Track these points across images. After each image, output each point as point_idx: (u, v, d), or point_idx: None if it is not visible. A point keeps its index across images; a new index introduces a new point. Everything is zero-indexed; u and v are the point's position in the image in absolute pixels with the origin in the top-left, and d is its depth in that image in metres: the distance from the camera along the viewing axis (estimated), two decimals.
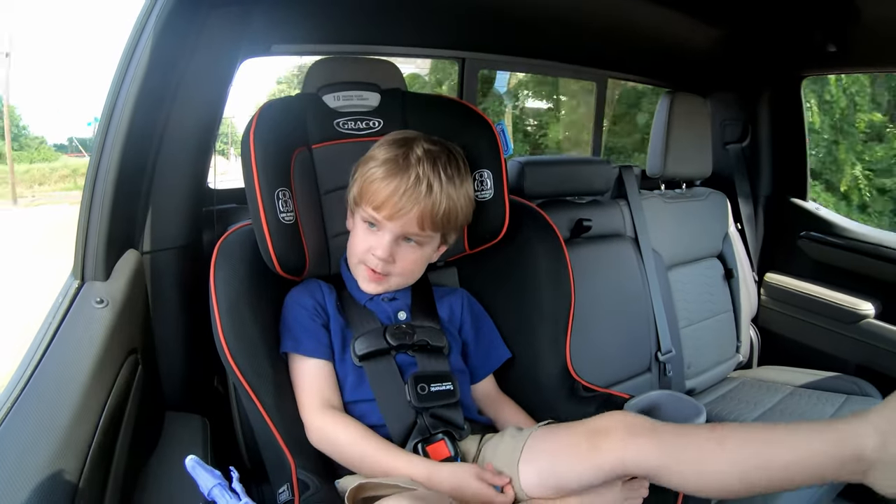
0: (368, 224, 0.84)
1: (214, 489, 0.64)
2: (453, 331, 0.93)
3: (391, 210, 0.81)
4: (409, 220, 0.81)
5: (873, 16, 1.34)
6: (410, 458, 0.77)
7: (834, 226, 1.78)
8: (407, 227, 0.82)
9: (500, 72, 5.98)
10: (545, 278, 0.97)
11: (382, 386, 0.82)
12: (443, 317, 0.93)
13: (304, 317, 0.84)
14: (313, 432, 0.79)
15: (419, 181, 0.81)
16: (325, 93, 0.91)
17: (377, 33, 1.33)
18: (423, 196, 0.81)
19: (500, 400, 0.95)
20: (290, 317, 0.85)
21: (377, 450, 0.77)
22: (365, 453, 0.77)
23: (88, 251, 0.77)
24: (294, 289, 0.88)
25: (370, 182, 0.82)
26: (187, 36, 0.86)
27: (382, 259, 0.83)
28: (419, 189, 0.81)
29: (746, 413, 1.49)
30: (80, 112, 24.06)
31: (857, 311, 1.64)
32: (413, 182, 0.81)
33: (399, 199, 0.80)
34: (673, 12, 1.42)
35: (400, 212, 0.81)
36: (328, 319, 0.85)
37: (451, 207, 0.84)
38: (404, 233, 0.83)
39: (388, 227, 0.82)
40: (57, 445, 0.56)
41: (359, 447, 0.77)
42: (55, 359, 0.65)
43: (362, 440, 0.78)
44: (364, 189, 0.83)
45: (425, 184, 0.81)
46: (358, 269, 0.87)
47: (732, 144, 1.93)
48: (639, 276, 1.53)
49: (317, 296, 0.87)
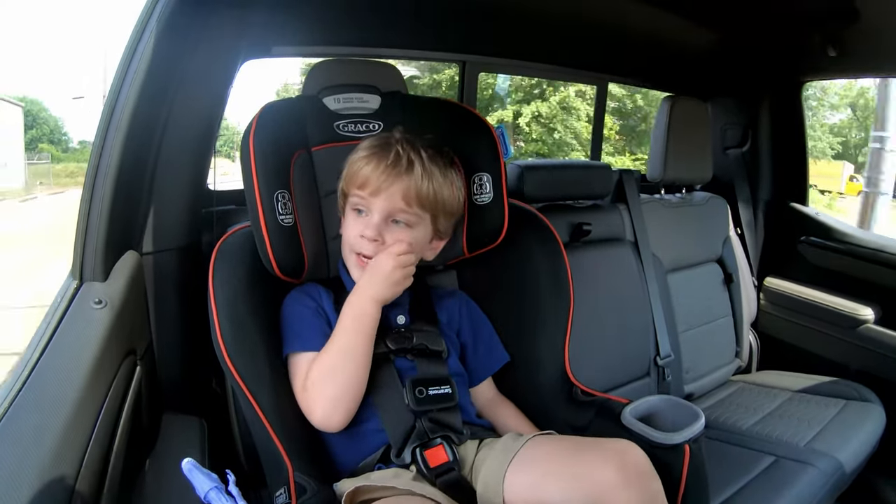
0: (357, 211, 0.85)
1: (211, 492, 0.64)
2: (451, 334, 0.93)
3: (374, 185, 0.82)
4: (392, 193, 0.82)
5: (873, 20, 1.34)
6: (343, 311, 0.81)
7: (834, 231, 1.78)
8: (393, 202, 0.83)
9: (500, 75, 5.99)
10: (544, 282, 0.97)
11: (381, 390, 0.82)
12: (441, 320, 0.92)
13: (306, 314, 0.84)
14: (308, 403, 0.79)
15: (399, 157, 0.83)
16: (326, 95, 0.91)
17: (378, 36, 1.34)
18: (405, 170, 0.82)
19: (500, 403, 0.95)
20: (292, 316, 0.85)
21: (334, 343, 0.79)
22: (332, 351, 0.79)
23: (87, 252, 0.77)
24: (292, 292, 0.88)
25: (353, 165, 0.85)
26: (188, 37, 0.86)
27: (371, 238, 0.83)
28: (400, 164, 0.83)
29: (745, 418, 1.49)
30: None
31: (857, 317, 1.64)
32: (394, 158, 0.83)
33: (381, 174, 0.82)
34: (674, 16, 1.42)
35: (383, 185, 0.82)
36: (329, 319, 0.85)
37: (437, 188, 0.85)
38: (391, 211, 0.83)
39: (375, 205, 0.83)
40: (54, 446, 0.56)
41: (327, 357, 0.79)
42: (53, 360, 0.65)
43: (323, 353, 0.79)
44: (348, 174, 0.85)
45: (405, 159, 0.83)
46: (350, 258, 0.87)
47: (733, 149, 1.93)
48: (638, 280, 1.53)
49: (315, 297, 0.87)
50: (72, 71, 34.03)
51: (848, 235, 1.75)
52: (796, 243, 1.83)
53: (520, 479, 0.75)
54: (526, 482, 0.74)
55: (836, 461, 1.24)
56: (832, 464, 1.23)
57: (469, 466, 0.81)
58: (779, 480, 1.18)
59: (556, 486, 0.72)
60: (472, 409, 0.91)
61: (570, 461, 0.73)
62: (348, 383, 0.78)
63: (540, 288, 0.96)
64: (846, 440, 1.33)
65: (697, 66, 1.79)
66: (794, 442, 1.33)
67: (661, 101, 1.65)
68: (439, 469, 0.78)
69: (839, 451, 1.27)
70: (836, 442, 1.31)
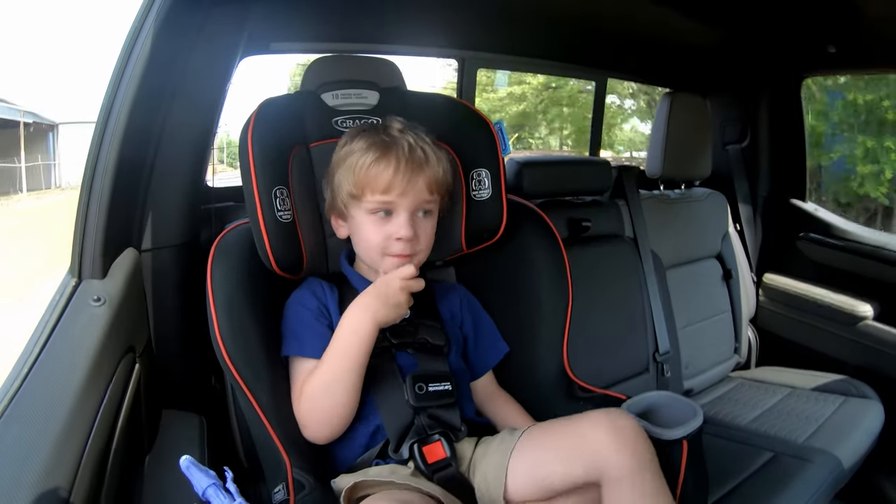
0: (379, 214, 0.82)
1: (209, 489, 0.64)
2: (454, 328, 0.93)
3: (401, 187, 0.80)
4: (420, 189, 0.81)
5: (873, 16, 1.33)
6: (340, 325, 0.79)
7: (833, 227, 1.78)
8: (420, 196, 0.81)
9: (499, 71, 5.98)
10: (543, 278, 0.97)
11: (381, 384, 0.82)
12: (443, 314, 0.92)
13: (307, 317, 0.83)
14: (301, 415, 0.79)
15: (413, 149, 0.81)
16: (324, 91, 0.91)
17: (377, 32, 1.33)
18: (423, 161, 0.81)
19: (500, 397, 0.95)
20: (294, 318, 0.84)
21: (328, 361, 0.78)
22: (325, 369, 0.77)
23: (86, 249, 0.77)
24: (296, 290, 0.87)
25: (365, 169, 0.80)
26: (186, 34, 0.86)
27: (408, 239, 0.81)
28: (416, 156, 0.81)
29: (744, 414, 1.49)
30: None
31: (856, 313, 1.64)
32: (408, 151, 0.80)
33: (403, 174, 0.79)
34: (673, 12, 1.41)
35: (409, 183, 0.80)
36: (331, 320, 0.84)
37: (445, 169, 0.85)
38: (418, 205, 0.82)
39: (403, 204, 0.81)
40: (53, 443, 0.56)
41: (321, 374, 0.78)
42: (52, 357, 0.65)
43: (318, 369, 0.78)
44: (360, 179, 0.81)
45: (420, 150, 0.81)
46: (383, 262, 0.84)
47: (732, 145, 1.93)
48: (637, 276, 1.53)
49: (319, 295, 0.86)
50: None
51: (847, 232, 1.75)
52: (795, 239, 1.83)
53: (521, 466, 0.75)
54: (527, 467, 0.75)
55: (834, 457, 1.24)
56: (831, 460, 1.23)
57: (466, 463, 0.81)
58: (777, 476, 1.19)
59: (556, 461, 0.73)
60: (472, 406, 0.91)
61: (565, 434, 0.75)
62: (337, 407, 0.78)
63: (539, 284, 0.96)
64: (845, 436, 1.33)
65: (697, 61, 1.79)
66: (793, 438, 1.33)
67: (661, 97, 1.65)
68: (437, 465, 0.78)
69: (838, 448, 1.27)
70: (834, 438, 1.32)
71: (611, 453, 0.69)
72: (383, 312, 0.78)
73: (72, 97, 17.30)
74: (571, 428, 0.74)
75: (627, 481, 0.69)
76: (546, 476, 0.73)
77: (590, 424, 0.73)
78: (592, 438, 0.71)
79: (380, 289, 0.79)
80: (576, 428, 0.74)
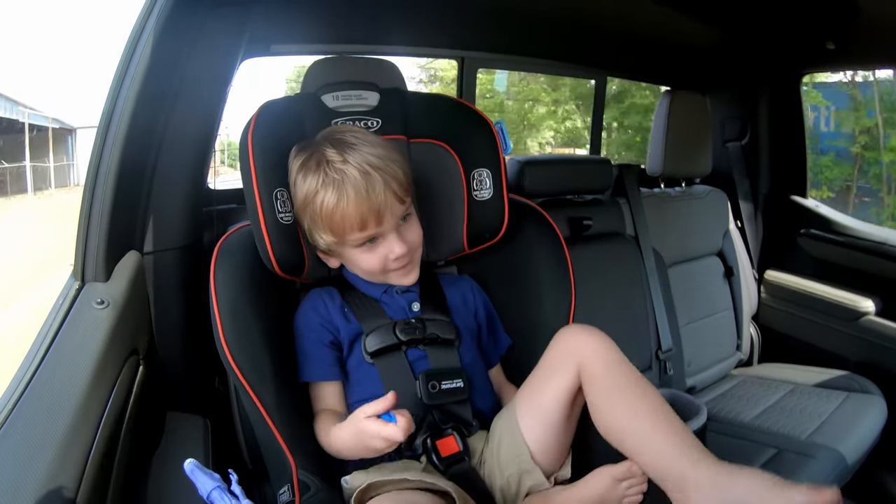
0: (366, 244, 0.82)
1: (214, 492, 0.65)
2: (468, 318, 0.93)
3: (375, 216, 0.79)
4: (391, 204, 0.80)
5: (872, 12, 1.33)
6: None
7: (834, 223, 1.78)
8: (395, 211, 0.81)
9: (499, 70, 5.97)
10: (545, 278, 0.96)
11: (393, 382, 0.81)
12: (456, 304, 0.92)
13: (311, 341, 0.84)
14: (318, 437, 0.80)
15: (366, 174, 0.78)
16: (324, 92, 0.91)
17: (376, 33, 1.33)
18: (380, 178, 0.78)
19: (510, 390, 0.95)
20: (299, 342, 0.85)
21: (333, 436, 0.77)
22: (331, 441, 0.78)
23: (89, 252, 0.78)
24: (301, 305, 0.88)
25: (331, 215, 0.79)
26: (187, 36, 0.86)
27: (405, 253, 0.83)
28: (372, 179, 0.78)
29: (747, 410, 1.49)
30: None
31: (858, 309, 1.64)
32: (363, 178, 0.77)
33: (371, 203, 0.78)
34: (672, 10, 1.41)
35: (381, 208, 0.79)
36: (338, 332, 0.85)
37: (402, 165, 0.82)
38: (397, 219, 0.82)
39: (385, 228, 0.81)
40: (59, 446, 0.56)
41: (327, 438, 0.78)
42: (56, 360, 0.65)
43: (321, 431, 0.79)
44: (334, 225, 0.80)
45: (370, 169, 0.78)
46: (388, 277, 0.86)
47: (732, 142, 1.93)
48: (639, 274, 1.53)
49: (321, 310, 0.86)
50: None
51: (848, 228, 1.75)
52: (796, 236, 1.83)
53: (527, 415, 0.79)
54: (527, 412, 0.79)
55: (837, 453, 1.24)
56: (834, 456, 1.23)
57: (477, 457, 0.82)
58: (780, 473, 1.15)
59: (543, 384, 0.79)
60: (484, 400, 0.89)
61: (547, 356, 0.80)
62: (343, 452, 0.78)
63: (541, 283, 0.96)
64: (848, 432, 1.33)
65: (696, 59, 1.79)
66: (796, 434, 1.33)
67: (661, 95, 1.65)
68: (451, 459, 0.78)
69: (841, 444, 1.27)
70: (837, 434, 1.32)
71: (587, 349, 0.75)
72: (361, 453, 0.75)
73: (87, 102, 18.37)
74: (551, 347, 0.80)
75: (603, 374, 0.74)
76: (542, 401, 0.78)
77: (562, 336, 0.79)
78: (573, 339, 0.77)
79: (360, 437, 0.71)
80: (554, 345, 0.80)
